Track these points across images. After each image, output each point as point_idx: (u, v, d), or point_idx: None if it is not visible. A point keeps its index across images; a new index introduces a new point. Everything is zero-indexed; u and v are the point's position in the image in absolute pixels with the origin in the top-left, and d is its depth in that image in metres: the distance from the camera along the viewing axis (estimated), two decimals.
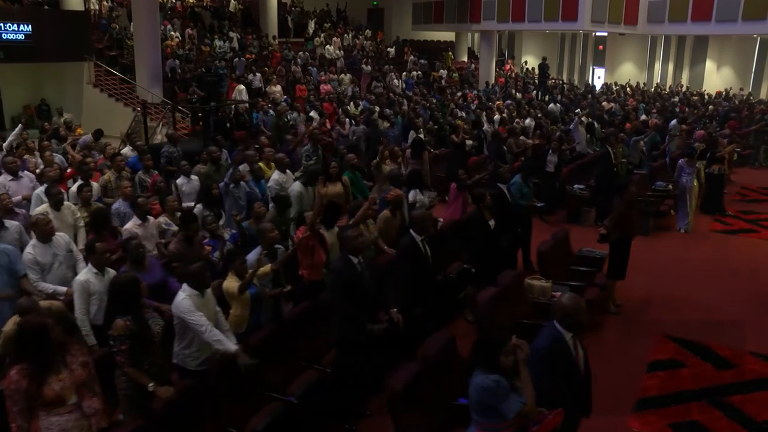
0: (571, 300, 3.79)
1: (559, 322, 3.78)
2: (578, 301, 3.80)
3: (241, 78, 19.95)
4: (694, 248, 9.64)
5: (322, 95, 19.68)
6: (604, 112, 17.69)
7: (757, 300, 7.61)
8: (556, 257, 7.05)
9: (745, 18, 20.25)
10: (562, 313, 3.77)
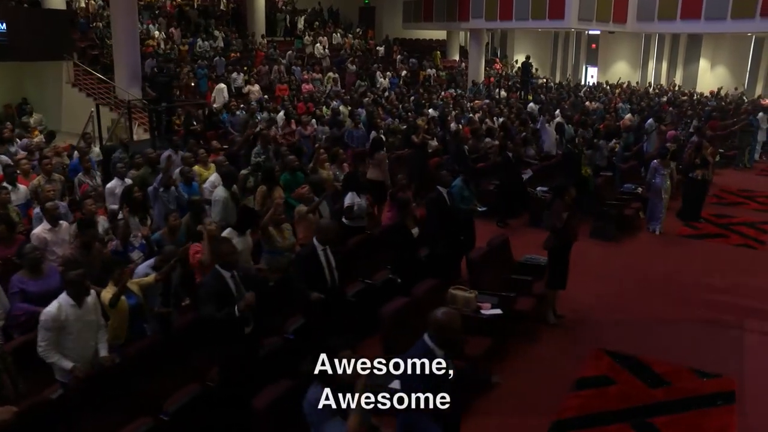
0: (445, 315, 3.48)
1: (431, 338, 3.47)
2: (453, 317, 3.48)
3: (221, 77, 19.76)
4: (654, 254, 9.30)
5: (303, 95, 19.44)
6: (587, 111, 17.32)
7: (707, 311, 7.28)
8: (490, 265, 6.72)
9: (735, 16, 19.90)
10: (434, 327, 3.46)
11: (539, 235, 9.84)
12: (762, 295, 7.81)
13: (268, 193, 7.36)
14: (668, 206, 10.41)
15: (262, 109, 15.57)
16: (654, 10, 21.92)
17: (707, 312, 7.29)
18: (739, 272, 8.60)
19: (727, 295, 7.81)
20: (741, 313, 7.28)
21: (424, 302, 5.67)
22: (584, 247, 9.45)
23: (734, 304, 7.51)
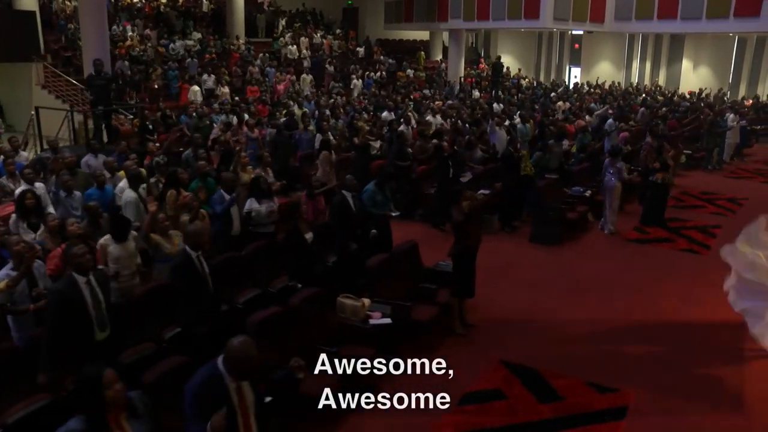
0: (240, 344, 3.24)
1: (224, 362, 3.26)
2: (248, 347, 3.24)
3: (193, 79, 19.63)
4: (591, 260, 9.07)
5: (278, 96, 19.28)
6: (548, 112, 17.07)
7: (625, 322, 7.02)
8: (394, 272, 6.50)
9: (710, 16, 19.68)
10: (227, 353, 3.25)
11: (486, 240, 9.75)
12: (686, 303, 7.58)
13: (176, 198, 7.15)
14: (619, 207, 10.25)
15: (227, 112, 15.40)
16: (631, 9, 21.67)
17: (627, 321, 7.06)
18: (674, 279, 8.39)
19: (652, 303, 7.59)
20: (661, 322, 7.05)
21: (303, 311, 5.48)
22: (521, 252, 9.35)
23: (657, 313, 7.31)
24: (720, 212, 11.96)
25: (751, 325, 5.93)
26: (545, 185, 9.84)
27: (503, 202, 9.85)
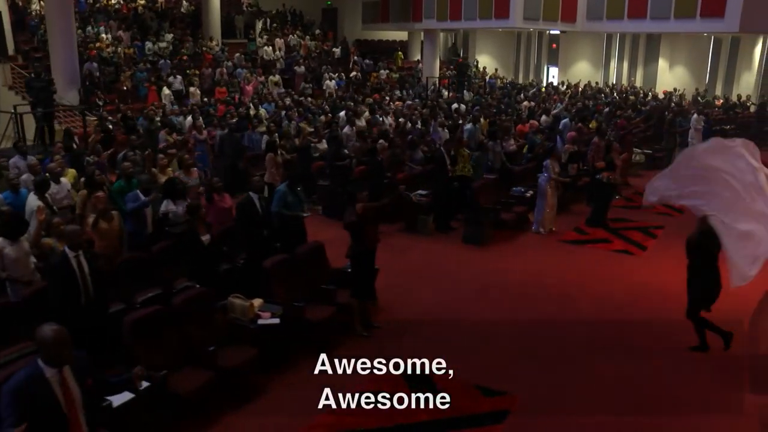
0: (51, 332, 3.28)
1: (41, 357, 3.29)
2: (60, 334, 3.29)
3: (161, 80, 19.65)
4: (518, 261, 9.07)
5: (247, 97, 19.28)
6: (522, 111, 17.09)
7: (535, 324, 6.98)
8: (294, 273, 6.51)
9: (677, 16, 19.66)
10: (39, 344, 3.30)
11: (413, 241, 9.80)
12: (603, 304, 7.57)
13: (88, 198, 7.16)
14: (566, 208, 10.25)
15: (185, 114, 15.38)
16: (603, 9, 21.64)
17: (537, 322, 7.01)
18: (598, 280, 8.37)
19: (568, 304, 7.57)
20: (573, 324, 6.99)
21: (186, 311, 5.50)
22: (449, 253, 9.36)
23: (572, 315, 7.24)
24: (668, 212, 11.89)
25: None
26: (480, 186, 9.83)
27: (437, 203, 9.83)
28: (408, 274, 8.45)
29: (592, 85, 25.12)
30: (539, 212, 9.80)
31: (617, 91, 23.81)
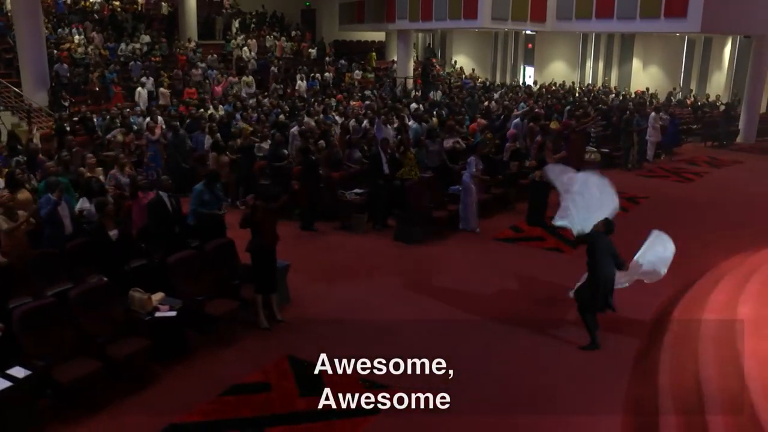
0: None
1: None
2: None
3: (131, 81, 19.83)
4: (445, 259, 9.18)
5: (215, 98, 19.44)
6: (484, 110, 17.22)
7: (448, 322, 7.10)
8: (201, 268, 6.70)
9: (642, 16, 19.76)
10: None
11: (345, 238, 9.97)
12: (526, 302, 7.67)
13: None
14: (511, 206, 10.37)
15: (144, 114, 15.56)
16: (572, 9, 21.76)
17: (451, 320, 7.13)
18: (522, 278, 8.49)
19: (488, 302, 7.67)
20: (490, 321, 7.09)
21: (80, 304, 5.68)
22: (379, 250, 9.53)
23: (490, 312, 7.31)
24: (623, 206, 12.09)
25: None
26: (413, 184, 9.97)
27: (373, 201, 10.00)
28: (332, 270, 8.63)
29: (566, 85, 25.27)
30: (464, 210, 9.94)
31: (584, 91, 23.95)
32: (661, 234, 6.74)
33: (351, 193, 10.05)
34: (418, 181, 10.06)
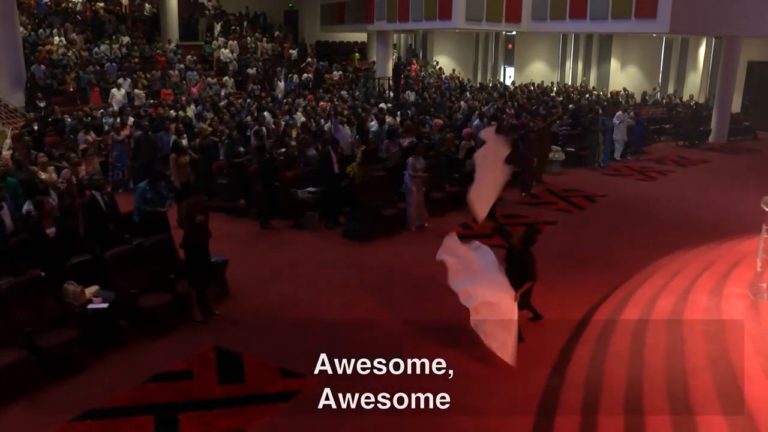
0: None
1: None
2: None
3: (106, 82, 20.05)
4: (390, 256, 9.31)
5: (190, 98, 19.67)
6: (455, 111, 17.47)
7: (377, 318, 7.23)
8: (136, 264, 6.94)
9: (614, 17, 20.02)
10: None
11: (296, 235, 10.20)
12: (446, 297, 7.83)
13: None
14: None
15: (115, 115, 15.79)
16: (546, 10, 22.02)
17: (380, 317, 7.26)
18: None
19: (423, 299, 7.81)
20: (407, 315, 7.24)
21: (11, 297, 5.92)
22: (325, 247, 9.75)
23: (423, 310, 7.47)
24: (568, 209, 12.34)
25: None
26: (364, 183, 10.21)
27: (325, 199, 10.24)
28: (276, 267, 8.86)
29: (544, 85, 25.55)
30: (408, 209, 10.17)
31: (558, 91, 24.22)
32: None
33: (303, 192, 10.28)
34: (369, 180, 10.28)
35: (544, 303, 7.19)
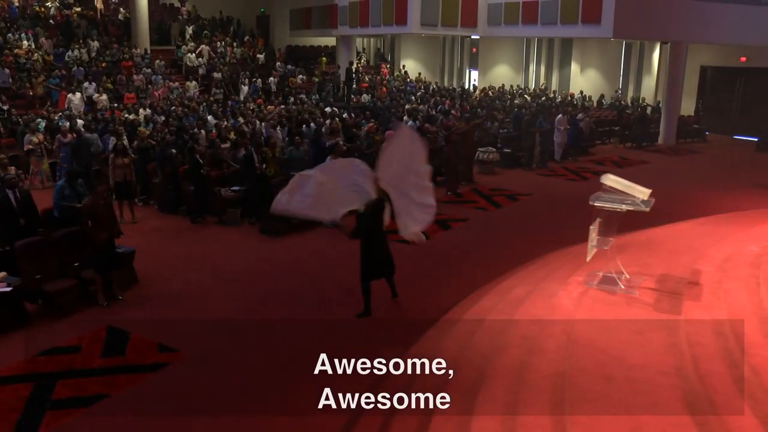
0: None
1: None
2: None
3: (72, 86, 20.75)
4: (295, 251, 9.97)
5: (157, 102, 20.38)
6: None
7: (255, 312, 7.79)
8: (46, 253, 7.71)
9: (563, 22, 20.84)
10: None
11: (217, 231, 10.93)
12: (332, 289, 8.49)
13: None
14: None
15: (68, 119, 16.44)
16: (501, 15, 22.83)
17: (259, 310, 7.83)
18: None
19: (304, 289, 8.40)
20: (291, 304, 7.88)
21: None
22: (241, 241, 10.49)
23: (300, 297, 8.11)
24: (486, 207, 13.05)
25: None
26: (279, 182, 10.93)
27: (247, 197, 10.97)
28: (189, 258, 9.59)
29: (505, 88, 26.35)
30: None
31: (513, 94, 24.99)
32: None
33: (227, 190, 11.02)
34: (286, 179, 10.99)
35: (421, 290, 8.02)
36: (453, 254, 9.81)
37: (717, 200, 13.32)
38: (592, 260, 7.49)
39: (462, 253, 9.92)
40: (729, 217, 10.77)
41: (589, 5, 19.86)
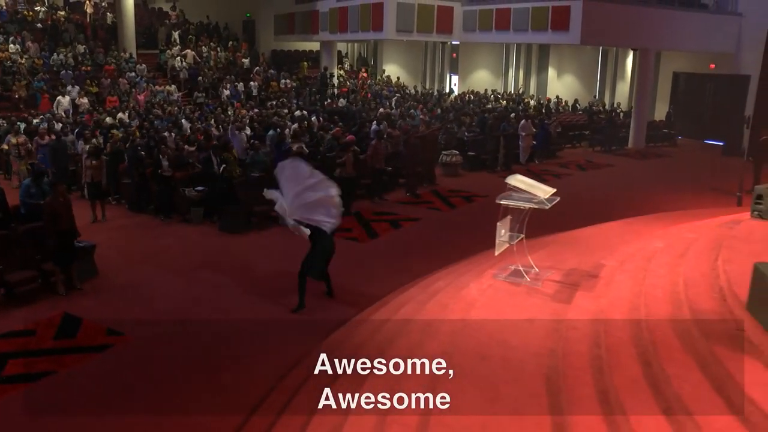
0: None
1: None
2: None
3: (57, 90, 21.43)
4: (253, 247, 10.61)
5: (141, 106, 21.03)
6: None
7: (198, 296, 8.52)
8: (9, 246, 8.37)
9: (533, 28, 21.54)
10: None
11: (179, 228, 11.59)
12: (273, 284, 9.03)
13: None
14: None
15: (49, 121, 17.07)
16: (475, 21, 23.52)
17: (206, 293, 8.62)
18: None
19: (245, 285, 8.91)
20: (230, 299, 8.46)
21: None
22: (201, 238, 11.13)
23: (238, 292, 8.65)
24: (440, 207, 13.68)
25: None
26: (242, 182, 11.63)
27: (208, 196, 11.64)
28: (149, 253, 10.27)
29: (484, 93, 27.05)
30: None
31: (478, 98, 25.65)
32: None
33: (191, 190, 11.69)
34: (246, 180, 11.71)
35: (358, 281, 8.65)
36: (396, 251, 10.43)
37: (669, 202, 13.72)
38: (510, 256, 8.05)
39: (406, 250, 10.54)
40: (659, 217, 11.39)
41: (558, 13, 20.56)
